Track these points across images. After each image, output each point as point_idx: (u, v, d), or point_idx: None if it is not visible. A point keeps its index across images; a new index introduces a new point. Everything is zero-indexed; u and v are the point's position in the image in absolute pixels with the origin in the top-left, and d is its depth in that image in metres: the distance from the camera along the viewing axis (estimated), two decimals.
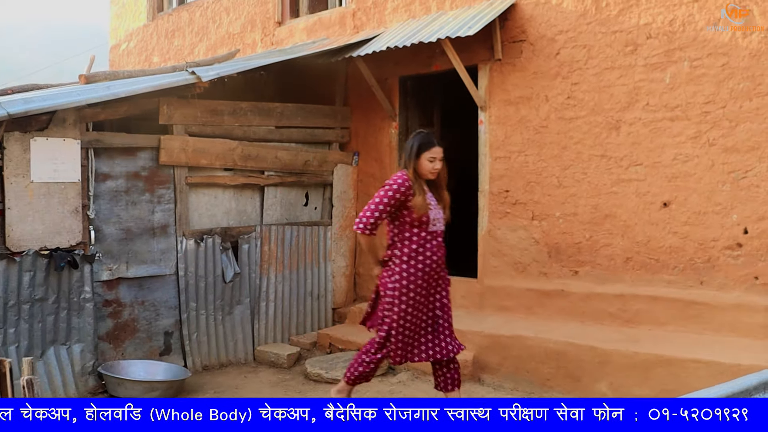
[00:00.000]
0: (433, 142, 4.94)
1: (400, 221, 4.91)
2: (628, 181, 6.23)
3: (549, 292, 6.62)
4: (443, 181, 5.04)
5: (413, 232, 4.91)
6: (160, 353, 6.83)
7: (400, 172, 4.91)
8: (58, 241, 6.13)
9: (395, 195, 4.80)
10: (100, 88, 6.36)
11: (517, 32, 6.89)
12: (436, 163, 4.91)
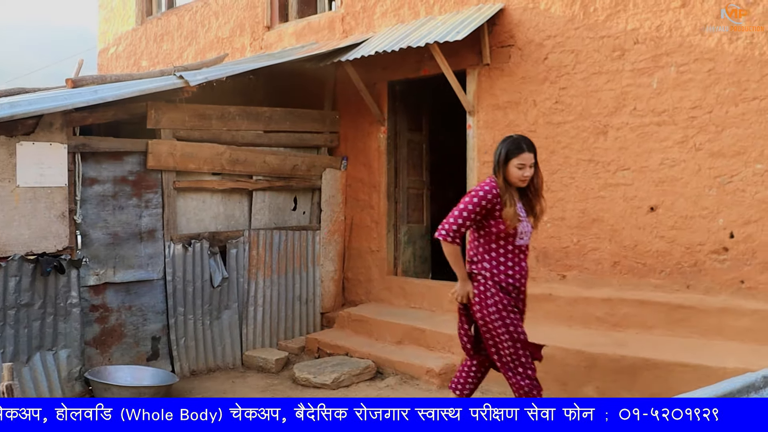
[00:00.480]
0: (522, 147, 4.51)
1: (485, 231, 4.59)
2: (616, 185, 6.24)
3: (536, 296, 6.60)
4: (537, 190, 4.64)
5: (499, 245, 4.58)
6: (147, 358, 6.80)
7: (489, 179, 4.59)
8: (45, 246, 6.10)
9: (481, 202, 4.47)
10: (87, 92, 6.33)
11: (505, 37, 6.90)
12: (525, 171, 4.51)
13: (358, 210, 8.19)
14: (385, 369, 6.69)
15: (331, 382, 6.37)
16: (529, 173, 4.53)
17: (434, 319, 7.07)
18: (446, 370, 6.34)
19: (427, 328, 6.81)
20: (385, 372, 6.67)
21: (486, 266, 4.62)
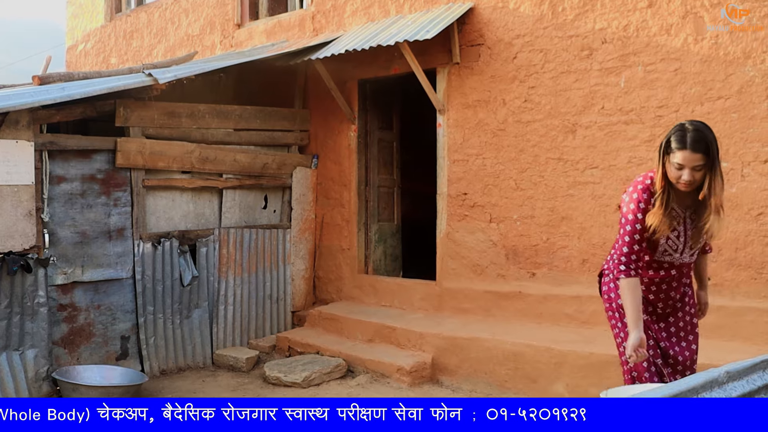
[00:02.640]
0: (685, 141, 3.42)
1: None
2: (584, 183, 6.30)
3: (507, 294, 6.68)
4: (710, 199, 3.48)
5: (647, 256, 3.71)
6: (116, 358, 6.75)
7: (644, 174, 3.68)
8: (11, 245, 6.02)
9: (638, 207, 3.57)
10: (54, 89, 6.26)
11: (475, 36, 6.94)
12: (685, 174, 3.44)
13: (329, 208, 8.19)
14: (356, 367, 6.70)
15: (302, 381, 6.37)
16: (689, 178, 3.43)
17: (405, 317, 7.09)
18: (417, 368, 6.36)
19: (398, 326, 6.82)
20: (356, 370, 6.68)
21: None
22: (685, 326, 3.86)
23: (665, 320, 3.85)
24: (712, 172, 3.44)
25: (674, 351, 3.82)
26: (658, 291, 3.76)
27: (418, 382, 6.34)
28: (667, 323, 3.85)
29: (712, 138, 3.48)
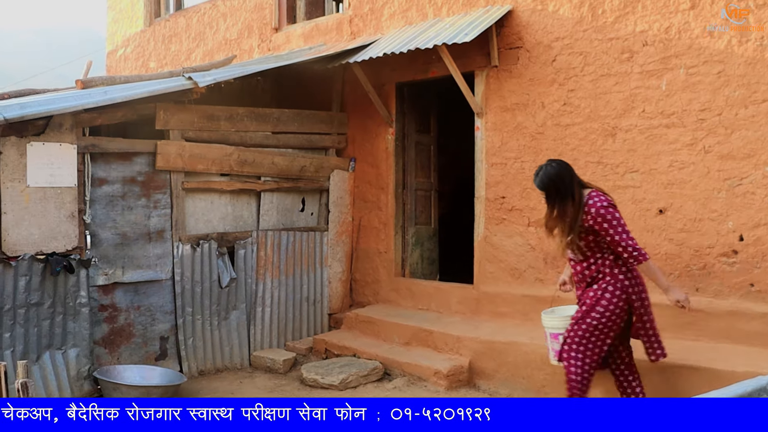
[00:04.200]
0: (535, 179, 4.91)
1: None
2: (624, 187, 6.23)
3: (545, 299, 6.59)
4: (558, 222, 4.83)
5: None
6: (155, 358, 6.82)
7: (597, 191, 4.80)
8: (54, 246, 6.12)
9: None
10: (96, 93, 6.36)
11: (513, 39, 6.90)
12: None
13: (366, 211, 8.20)
14: (393, 370, 6.70)
15: (339, 383, 6.38)
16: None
17: (442, 320, 7.07)
18: (454, 372, 6.34)
19: (435, 329, 6.81)
20: (393, 373, 6.68)
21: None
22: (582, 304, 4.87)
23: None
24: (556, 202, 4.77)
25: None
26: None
27: (455, 386, 6.32)
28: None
29: (554, 176, 4.78)
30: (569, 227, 4.72)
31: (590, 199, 4.70)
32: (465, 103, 7.19)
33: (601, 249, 4.77)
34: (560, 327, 5.05)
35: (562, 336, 4.96)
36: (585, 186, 4.84)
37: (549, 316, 5.28)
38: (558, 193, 4.75)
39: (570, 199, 4.71)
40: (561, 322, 5.12)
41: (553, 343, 5.15)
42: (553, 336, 5.13)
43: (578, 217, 4.68)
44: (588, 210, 4.67)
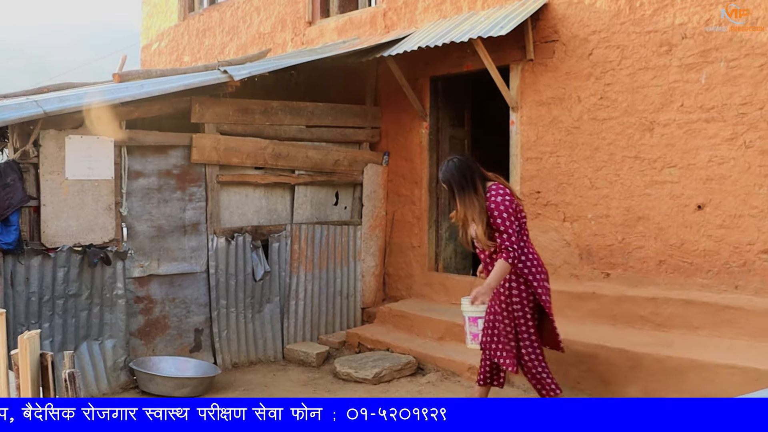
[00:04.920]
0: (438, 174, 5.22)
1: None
2: (662, 183, 6.16)
3: (580, 294, 6.56)
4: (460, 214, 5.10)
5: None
6: (190, 350, 6.88)
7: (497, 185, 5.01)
8: (92, 238, 6.19)
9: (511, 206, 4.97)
10: (133, 86, 6.42)
11: (549, 32, 6.84)
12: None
13: (400, 205, 8.19)
14: (426, 365, 6.69)
15: (372, 377, 6.38)
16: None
17: None
18: None
19: None
20: (426, 368, 6.66)
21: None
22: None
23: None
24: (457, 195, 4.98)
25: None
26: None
27: None
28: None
29: (455, 170, 4.98)
30: (479, 218, 4.93)
31: (491, 190, 4.96)
32: (499, 97, 7.15)
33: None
34: (480, 311, 5.21)
35: (481, 320, 5.19)
36: (488, 179, 5.05)
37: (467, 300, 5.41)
38: (459, 186, 4.97)
39: (472, 191, 4.94)
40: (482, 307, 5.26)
41: (471, 326, 5.31)
42: (472, 320, 5.30)
43: (483, 209, 4.91)
44: (488, 200, 4.93)
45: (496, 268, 4.87)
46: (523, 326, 5.08)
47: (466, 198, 4.96)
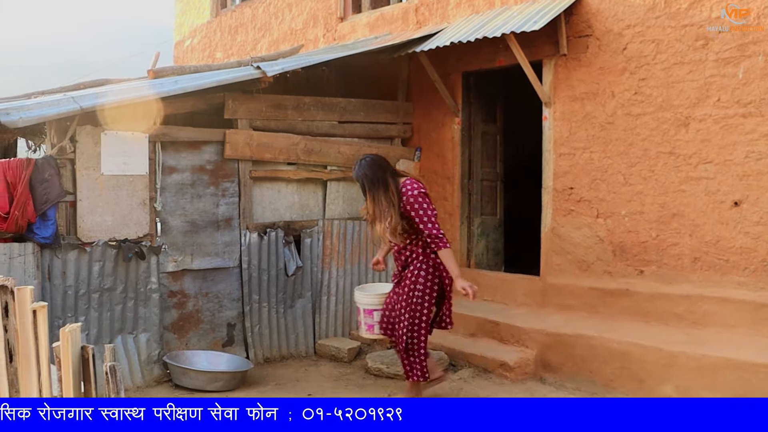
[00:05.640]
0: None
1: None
2: (698, 179, 6.08)
3: (613, 292, 6.52)
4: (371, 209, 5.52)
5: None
6: (222, 344, 6.93)
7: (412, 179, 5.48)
8: (126, 233, 6.26)
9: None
10: (167, 83, 6.47)
11: (582, 27, 6.78)
12: None
13: None
14: (458, 361, 6.68)
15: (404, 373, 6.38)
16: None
17: (508, 312, 7.01)
18: (520, 364, 6.29)
19: (501, 320, 6.76)
20: (458, 364, 6.65)
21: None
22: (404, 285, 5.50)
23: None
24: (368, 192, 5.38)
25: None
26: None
27: (521, 378, 6.27)
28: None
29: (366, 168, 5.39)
30: (389, 214, 5.33)
31: (404, 187, 5.34)
32: (532, 93, 7.10)
33: (416, 232, 5.40)
34: (375, 303, 5.75)
35: (377, 312, 5.70)
36: (400, 175, 5.47)
37: (363, 293, 5.95)
38: (371, 183, 5.35)
39: (382, 188, 5.31)
40: (376, 299, 5.81)
41: (366, 318, 5.80)
42: (367, 312, 5.79)
43: (397, 204, 5.28)
44: (403, 195, 5.31)
45: (446, 257, 5.33)
46: (422, 310, 5.43)
47: (377, 195, 5.34)
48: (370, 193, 5.38)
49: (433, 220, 5.31)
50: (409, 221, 5.34)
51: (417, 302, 5.41)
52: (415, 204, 5.26)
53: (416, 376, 5.50)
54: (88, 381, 2.67)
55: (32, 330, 2.84)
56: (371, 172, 5.36)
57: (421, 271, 5.41)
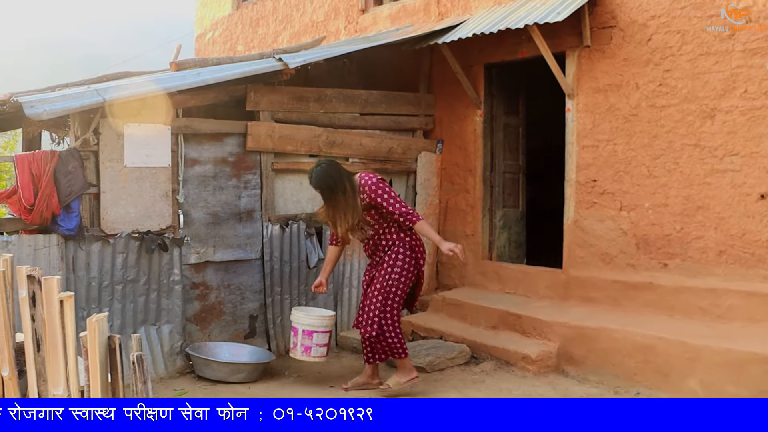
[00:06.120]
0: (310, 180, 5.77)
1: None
2: (723, 171, 6.02)
3: (636, 285, 6.46)
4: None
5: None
6: (245, 336, 6.96)
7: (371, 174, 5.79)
8: (149, 225, 6.29)
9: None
10: (190, 75, 6.49)
11: (606, 18, 6.72)
12: None
13: (453, 194, 8.15)
14: (480, 354, 6.66)
15: (426, 365, 6.37)
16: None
17: (530, 304, 6.98)
18: (542, 357, 6.26)
19: (523, 313, 6.73)
20: (479, 357, 6.63)
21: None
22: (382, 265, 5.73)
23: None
24: (327, 197, 5.62)
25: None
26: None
27: (543, 371, 6.24)
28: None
29: (325, 175, 5.58)
30: (350, 216, 5.56)
31: (361, 180, 5.59)
32: (554, 84, 7.05)
33: (386, 219, 5.65)
34: (317, 325, 6.03)
35: (317, 334, 5.99)
36: (351, 173, 5.73)
37: (304, 313, 6.17)
38: (330, 189, 5.56)
39: (340, 192, 5.53)
40: (318, 320, 6.08)
41: (304, 339, 6.03)
42: (307, 333, 6.02)
43: (355, 204, 5.53)
44: (363, 189, 5.55)
45: (423, 228, 5.66)
46: (396, 291, 5.63)
47: (336, 199, 5.57)
48: (330, 199, 5.61)
49: (399, 200, 5.59)
50: (377, 209, 5.61)
51: (392, 284, 5.61)
52: (378, 190, 5.54)
53: (398, 353, 5.70)
54: (115, 371, 2.68)
55: (59, 320, 2.86)
56: (328, 178, 5.57)
57: (398, 255, 5.65)
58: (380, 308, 5.60)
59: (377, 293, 5.63)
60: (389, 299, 5.62)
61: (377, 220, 5.67)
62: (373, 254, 5.86)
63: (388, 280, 5.62)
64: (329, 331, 6.18)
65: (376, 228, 5.71)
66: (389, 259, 5.66)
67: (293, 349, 6.14)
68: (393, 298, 5.63)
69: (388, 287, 5.62)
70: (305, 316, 6.11)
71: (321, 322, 6.08)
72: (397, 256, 5.64)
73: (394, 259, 5.64)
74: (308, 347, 6.03)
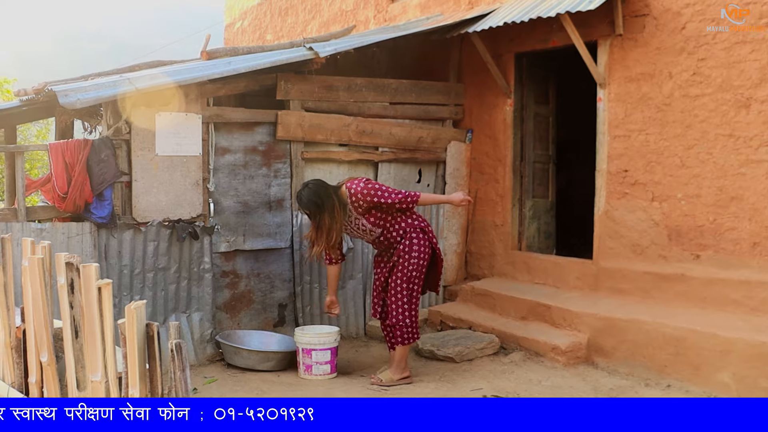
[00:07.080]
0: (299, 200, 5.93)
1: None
2: (758, 162, 5.93)
3: (668, 276, 6.41)
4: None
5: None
6: (274, 324, 6.99)
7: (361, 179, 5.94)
8: (180, 213, 6.34)
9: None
10: (221, 63, 6.51)
11: (639, 6, 6.64)
12: None
13: (483, 183, 8.11)
14: (508, 344, 6.64)
15: (455, 356, 6.37)
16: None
17: (559, 295, 6.94)
18: (572, 348, 6.24)
19: (553, 304, 6.70)
20: (508, 347, 6.62)
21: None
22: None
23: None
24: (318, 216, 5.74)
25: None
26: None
27: (573, 363, 6.22)
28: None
29: (313, 196, 5.73)
30: (333, 234, 5.75)
31: (350, 190, 5.71)
32: (586, 74, 6.99)
33: (389, 213, 5.80)
34: (314, 343, 6.07)
35: (315, 352, 6.03)
36: (338, 187, 5.82)
37: (300, 332, 6.23)
38: (318, 208, 5.69)
39: (328, 211, 5.67)
40: (315, 338, 6.12)
41: (305, 357, 6.09)
42: (306, 351, 6.09)
43: (339, 225, 5.73)
44: (355, 197, 5.69)
45: (427, 198, 6.18)
46: (417, 281, 5.85)
47: (321, 219, 5.71)
48: (316, 219, 5.74)
49: (392, 189, 5.77)
50: (377, 207, 5.75)
51: (413, 269, 5.81)
52: (371, 191, 5.68)
53: (414, 337, 5.93)
54: (153, 358, 2.71)
55: (97, 307, 2.89)
56: (316, 197, 5.71)
57: (413, 240, 5.81)
58: (407, 295, 5.80)
59: (401, 282, 5.81)
60: (412, 286, 5.84)
61: (382, 217, 5.83)
62: (386, 250, 6.02)
63: (408, 266, 5.79)
64: (330, 348, 6.13)
65: (383, 224, 5.86)
66: (404, 247, 5.81)
67: (298, 369, 6.19)
68: (416, 283, 5.86)
69: (410, 273, 5.80)
70: (302, 334, 6.16)
71: (318, 339, 6.10)
72: (412, 242, 5.80)
73: (410, 246, 5.80)
74: (309, 366, 6.07)
